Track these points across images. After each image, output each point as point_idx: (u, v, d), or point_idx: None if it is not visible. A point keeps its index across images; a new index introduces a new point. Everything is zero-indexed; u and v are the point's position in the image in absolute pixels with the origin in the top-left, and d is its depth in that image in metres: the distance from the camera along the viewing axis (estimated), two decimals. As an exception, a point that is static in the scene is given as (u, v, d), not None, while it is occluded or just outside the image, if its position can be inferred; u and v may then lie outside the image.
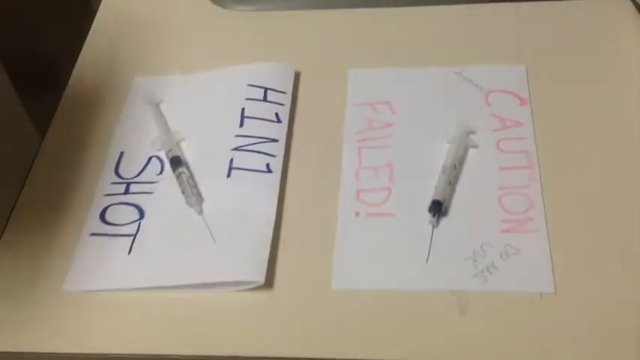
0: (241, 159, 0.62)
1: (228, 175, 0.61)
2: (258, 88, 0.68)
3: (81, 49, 0.75)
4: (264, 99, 0.67)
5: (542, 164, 0.62)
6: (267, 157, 0.63)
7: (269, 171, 0.62)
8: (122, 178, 0.63)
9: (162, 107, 0.68)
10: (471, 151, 0.63)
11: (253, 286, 0.55)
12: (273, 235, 0.58)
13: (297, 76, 0.70)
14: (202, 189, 0.61)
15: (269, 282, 0.55)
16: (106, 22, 0.79)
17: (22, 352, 0.53)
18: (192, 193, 0.60)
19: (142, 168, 0.63)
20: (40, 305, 0.55)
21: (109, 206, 0.61)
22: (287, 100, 0.67)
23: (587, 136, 0.63)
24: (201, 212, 0.59)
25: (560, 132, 0.64)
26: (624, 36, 0.70)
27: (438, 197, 0.59)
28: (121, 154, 0.65)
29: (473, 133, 0.64)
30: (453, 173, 0.61)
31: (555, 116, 0.65)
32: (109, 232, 0.59)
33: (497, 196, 0.60)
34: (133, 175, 0.63)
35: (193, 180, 0.61)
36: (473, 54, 0.71)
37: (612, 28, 0.71)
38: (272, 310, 0.54)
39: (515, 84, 0.68)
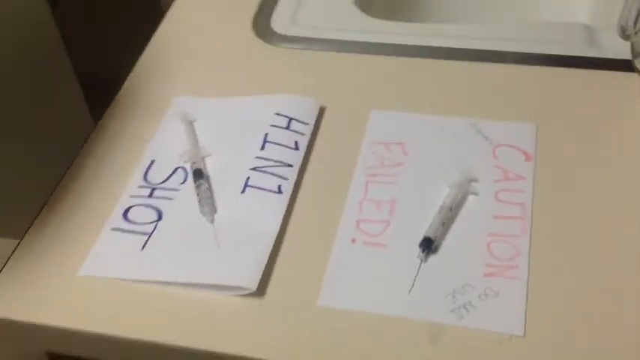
0: (257, 178, 0.68)
1: (243, 192, 0.67)
2: (284, 117, 0.74)
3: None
4: (287, 127, 0.73)
5: (536, 217, 0.65)
6: (280, 179, 0.68)
7: (279, 192, 0.67)
8: (149, 183, 0.69)
9: (196, 124, 0.75)
10: (471, 197, 0.68)
11: (246, 292, 0.60)
12: (274, 250, 0.63)
13: (322, 111, 0.76)
14: (218, 201, 0.67)
15: (262, 291, 0.60)
16: (160, 44, 0.86)
17: (36, 324, 0.59)
18: (207, 204, 0.66)
19: (167, 176, 0.70)
20: (57, 284, 0.62)
21: (132, 206, 0.67)
22: (308, 130, 0.73)
23: (583, 198, 0.66)
24: (212, 221, 0.65)
25: (559, 190, 0.67)
26: (631, 106, 0.74)
27: (430, 234, 0.63)
28: (152, 161, 0.71)
29: (475, 181, 0.69)
30: (449, 215, 0.65)
31: (556, 175, 0.69)
32: (128, 229, 0.65)
33: (487, 241, 0.64)
34: (159, 182, 0.69)
35: (211, 192, 0.67)
36: (487, 109, 0.75)
37: (620, 98, 0.75)
38: (260, 316, 0.59)
39: (523, 140, 0.72)
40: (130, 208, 0.67)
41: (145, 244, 0.64)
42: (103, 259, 0.63)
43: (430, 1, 1.08)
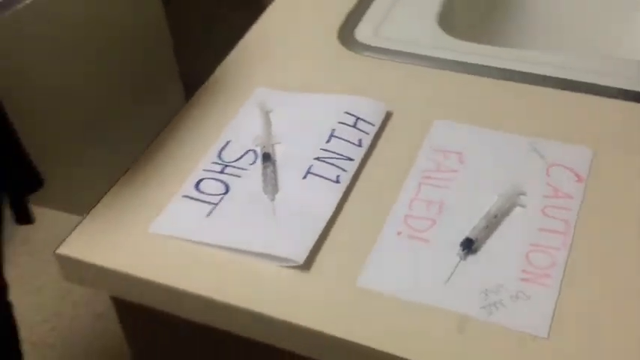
0: (319, 167, 0.74)
1: (304, 177, 0.73)
2: (352, 116, 0.79)
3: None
4: (354, 126, 0.78)
5: (577, 235, 0.68)
6: (340, 170, 0.74)
7: (337, 181, 0.73)
8: (222, 160, 0.76)
9: (271, 114, 0.81)
10: (518, 208, 0.71)
11: (293, 265, 0.65)
12: (324, 231, 0.68)
13: (388, 115, 0.81)
14: (280, 183, 0.73)
15: (308, 265, 0.66)
16: (251, 41, 0.94)
17: (104, 267, 0.67)
18: (270, 184, 0.72)
19: (239, 156, 0.77)
20: (129, 237, 0.69)
21: (204, 179, 0.74)
22: (372, 131, 0.78)
23: (626, 224, 0.69)
24: (272, 200, 0.71)
25: (603, 214, 0.70)
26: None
27: (472, 236, 0.67)
28: (227, 142, 0.78)
29: (524, 194, 0.72)
30: (493, 221, 0.69)
31: (604, 199, 0.71)
32: (197, 197, 0.72)
33: (527, 250, 0.67)
34: (231, 160, 0.76)
35: (275, 174, 0.73)
36: (549, 131, 0.78)
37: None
38: (303, 288, 0.64)
39: (578, 163, 0.75)
40: (201, 180, 0.74)
41: (211, 212, 0.71)
42: (171, 220, 0.70)
43: (510, 28, 1.12)
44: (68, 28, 1.45)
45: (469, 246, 0.67)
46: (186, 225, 0.70)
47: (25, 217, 1.05)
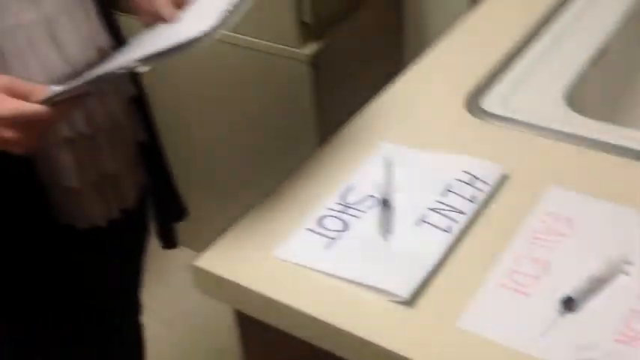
0: (432, 217, 0.80)
1: (417, 224, 0.79)
2: (468, 175, 0.85)
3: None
4: (469, 183, 0.84)
5: (681, 307, 0.69)
6: (452, 221, 0.79)
7: (448, 231, 0.78)
8: (344, 202, 0.84)
9: (394, 166, 0.88)
10: (622, 276, 0.73)
11: (399, 299, 0.71)
12: (431, 274, 0.74)
13: (504, 177, 0.86)
14: (395, 227, 0.79)
15: (413, 302, 0.71)
16: (384, 98, 1.02)
17: (229, 280, 0.76)
18: (386, 226, 0.79)
19: (360, 200, 0.84)
20: (257, 258, 0.78)
21: (326, 216, 0.82)
22: (487, 189, 0.83)
23: None
24: (386, 240, 0.78)
25: None
26: None
27: (573, 295, 0.70)
28: (351, 186, 0.86)
29: (629, 263, 0.74)
30: (596, 284, 0.72)
31: None
32: (318, 231, 0.80)
33: (626, 315, 0.69)
34: (352, 203, 0.84)
35: (391, 219, 0.80)
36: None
37: None
38: (407, 321, 0.70)
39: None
40: (324, 216, 0.82)
41: (329, 245, 0.78)
42: (294, 248, 0.78)
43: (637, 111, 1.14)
44: (223, 81, 1.61)
45: (569, 304, 0.70)
46: (307, 254, 0.77)
47: (170, 242, 1.17)
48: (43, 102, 0.75)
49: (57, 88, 0.76)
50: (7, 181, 0.87)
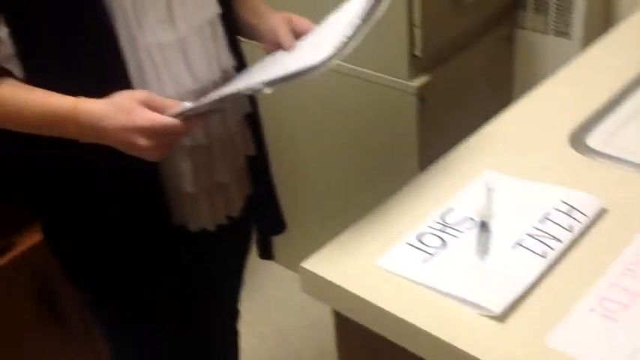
0: (528, 242, 0.84)
1: (514, 247, 0.83)
2: (567, 205, 0.88)
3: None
4: (567, 213, 0.87)
5: None
6: (547, 248, 0.83)
7: (543, 256, 0.82)
8: (444, 221, 0.89)
9: (495, 193, 0.92)
10: None
11: (492, 314, 0.75)
12: (524, 294, 0.78)
13: (603, 211, 0.89)
14: (491, 249, 0.84)
15: (504, 317, 0.75)
16: (490, 129, 1.07)
17: (341, 286, 0.82)
18: (483, 247, 0.83)
19: (459, 221, 0.89)
20: (360, 265, 0.84)
21: (426, 233, 0.87)
22: (585, 220, 0.87)
23: None
24: (482, 260, 0.82)
25: None
26: None
27: (663, 325, 0.73)
28: (451, 208, 0.91)
29: None
30: (687, 317, 0.74)
31: None
32: (418, 247, 0.85)
33: None
34: (451, 223, 0.89)
35: (488, 240, 0.84)
36: None
37: None
38: (498, 334, 0.74)
39: None
40: (424, 233, 0.87)
41: (427, 260, 0.83)
42: (395, 260, 0.84)
43: None
44: (331, 106, 1.68)
45: (658, 333, 0.72)
46: (407, 266, 0.83)
47: (268, 254, 1.24)
48: (176, 116, 0.84)
49: (188, 105, 0.85)
50: (134, 184, 0.96)
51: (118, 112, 0.84)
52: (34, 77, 0.89)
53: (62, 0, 0.85)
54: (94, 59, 0.88)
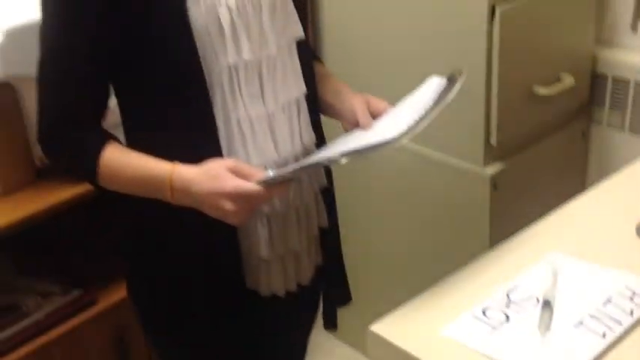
0: (590, 322, 0.88)
1: (575, 327, 0.87)
2: (630, 290, 0.92)
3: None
4: (630, 298, 0.90)
5: None
6: (608, 329, 0.86)
7: (603, 337, 0.85)
8: (509, 298, 0.93)
9: (559, 274, 0.96)
10: None
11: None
12: (582, 372, 0.81)
13: (666, 299, 0.91)
14: (553, 327, 0.87)
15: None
16: (560, 212, 1.11)
17: (407, 352, 0.87)
18: (545, 323, 0.87)
19: (524, 298, 0.93)
20: (427, 333, 0.89)
21: (491, 307, 0.92)
22: (647, 306, 0.90)
23: None
24: (544, 336, 0.86)
25: None
26: None
27: None
28: (517, 286, 0.95)
29: None
30: None
31: None
32: (483, 320, 0.90)
33: None
34: (516, 300, 0.93)
35: (550, 318, 0.88)
36: None
37: None
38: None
39: None
40: (488, 307, 0.92)
41: (491, 333, 0.88)
42: (460, 330, 0.89)
43: None
44: (403, 185, 1.74)
45: None
46: (471, 337, 0.88)
47: (332, 324, 1.27)
48: (260, 183, 0.91)
49: (271, 173, 0.93)
50: (214, 246, 1.03)
51: (209, 178, 0.92)
52: (136, 143, 0.98)
53: (169, 75, 0.95)
54: (191, 130, 0.97)
